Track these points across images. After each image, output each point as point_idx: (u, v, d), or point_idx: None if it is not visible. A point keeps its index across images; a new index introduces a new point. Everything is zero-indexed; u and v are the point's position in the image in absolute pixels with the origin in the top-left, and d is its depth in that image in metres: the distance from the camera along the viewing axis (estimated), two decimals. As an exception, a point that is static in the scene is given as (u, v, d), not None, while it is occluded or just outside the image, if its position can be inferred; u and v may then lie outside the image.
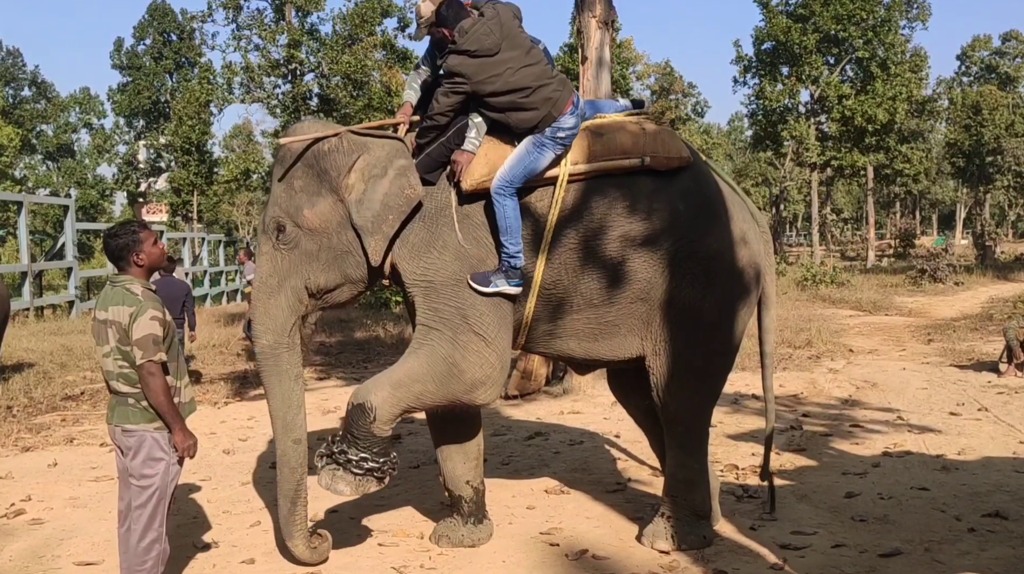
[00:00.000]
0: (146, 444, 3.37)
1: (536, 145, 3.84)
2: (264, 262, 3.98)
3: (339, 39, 19.99)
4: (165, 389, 3.32)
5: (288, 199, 3.93)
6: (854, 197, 56.72)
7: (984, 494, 4.85)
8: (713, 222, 4.04)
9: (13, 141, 37.31)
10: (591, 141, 3.93)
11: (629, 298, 3.99)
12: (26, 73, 46.91)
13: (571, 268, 3.94)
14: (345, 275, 3.97)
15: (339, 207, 3.90)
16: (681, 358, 4.03)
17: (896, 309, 16.24)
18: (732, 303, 4.10)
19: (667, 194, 3.98)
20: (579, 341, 4.12)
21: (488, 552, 4.16)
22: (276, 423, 3.95)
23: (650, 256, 3.95)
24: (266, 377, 3.96)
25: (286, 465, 3.93)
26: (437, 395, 3.85)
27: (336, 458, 3.78)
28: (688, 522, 4.12)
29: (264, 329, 3.93)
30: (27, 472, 5.81)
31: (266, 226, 3.98)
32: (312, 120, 4.22)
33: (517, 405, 7.88)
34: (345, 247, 3.93)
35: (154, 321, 3.34)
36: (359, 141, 3.94)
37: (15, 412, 7.75)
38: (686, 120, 43.89)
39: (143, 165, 43.60)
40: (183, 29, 41.48)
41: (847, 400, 7.79)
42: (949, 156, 43.94)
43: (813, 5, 32.17)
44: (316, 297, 4.00)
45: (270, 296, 3.94)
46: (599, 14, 7.79)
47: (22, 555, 4.29)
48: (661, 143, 3.97)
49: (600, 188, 3.95)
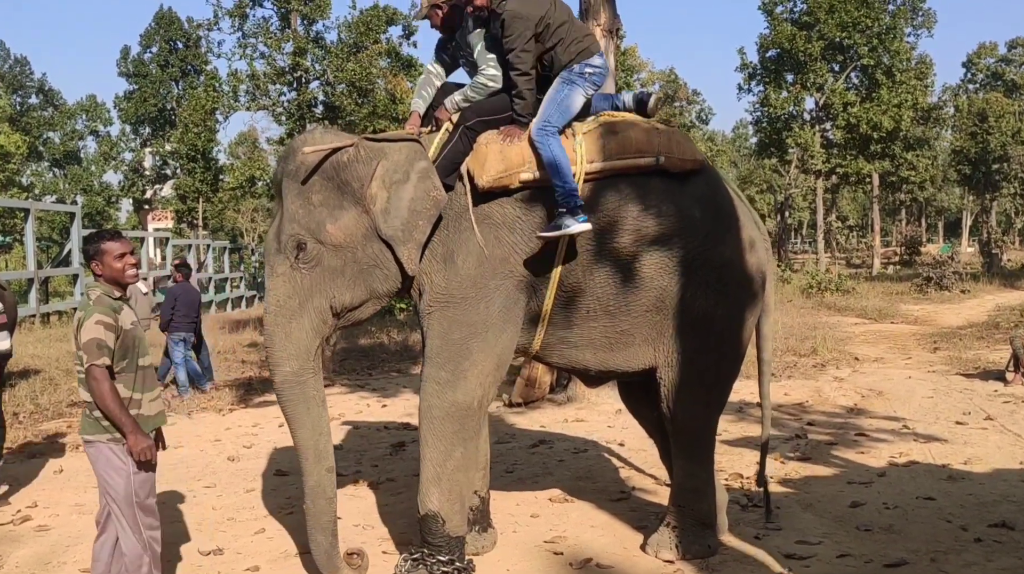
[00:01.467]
0: (102, 456, 3.30)
1: (566, 83, 3.90)
2: (280, 283, 3.76)
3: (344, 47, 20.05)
4: (111, 393, 3.23)
5: (307, 215, 3.74)
6: (860, 204, 56.64)
7: (990, 504, 4.83)
8: (727, 229, 4.02)
9: (20, 148, 37.48)
10: (606, 139, 3.88)
11: (644, 306, 3.95)
12: (33, 81, 47.21)
13: (587, 268, 3.88)
14: (372, 290, 3.84)
15: (364, 219, 3.76)
16: (692, 367, 4.01)
17: (902, 317, 16.19)
18: (742, 311, 4.09)
19: (683, 199, 3.95)
20: (594, 351, 4.06)
21: (492, 560, 4.15)
22: (308, 453, 3.72)
23: (666, 262, 3.92)
24: (292, 406, 3.73)
25: (322, 496, 3.72)
26: (465, 441, 3.81)
27: (427, 564, 3.76)
28: (693, 531, 4.12)
29: (286, 355, 3.71)
30: (31, 480, 5.82)
31: (283, 244, 3.77)
32: (323, 130, 4.09)
33: (521, 413, 7.88)
34: (372, 261, 3.79)
35: (99, 325, 3.26)
36: (376, 147, 3.83)
37: (21, 418, 7.77)
38: (690, 127, 43.93)
39: (149, 172, 43.70)
40: (189, 37, 41.63)
41: (852, 409, 7.77)
42: (955, 163, 43.89)
43: (818, 13, 32.26)
44: (340, 316, 3.85)
45: (291, 319, 3.73)
46: (604, 22, 7.81)
47: (29, 561, 4.31)
48: (676, 143, 3.94)
49: (616, 187, 3.89)
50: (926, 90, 35.89)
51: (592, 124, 3.98)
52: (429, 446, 3.78)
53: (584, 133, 3.91)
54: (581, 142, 3.88)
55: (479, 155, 3.83)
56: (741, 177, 50.35)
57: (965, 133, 42.01)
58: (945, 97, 48.31)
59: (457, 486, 3.80)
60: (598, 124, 3.96)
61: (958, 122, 43.96)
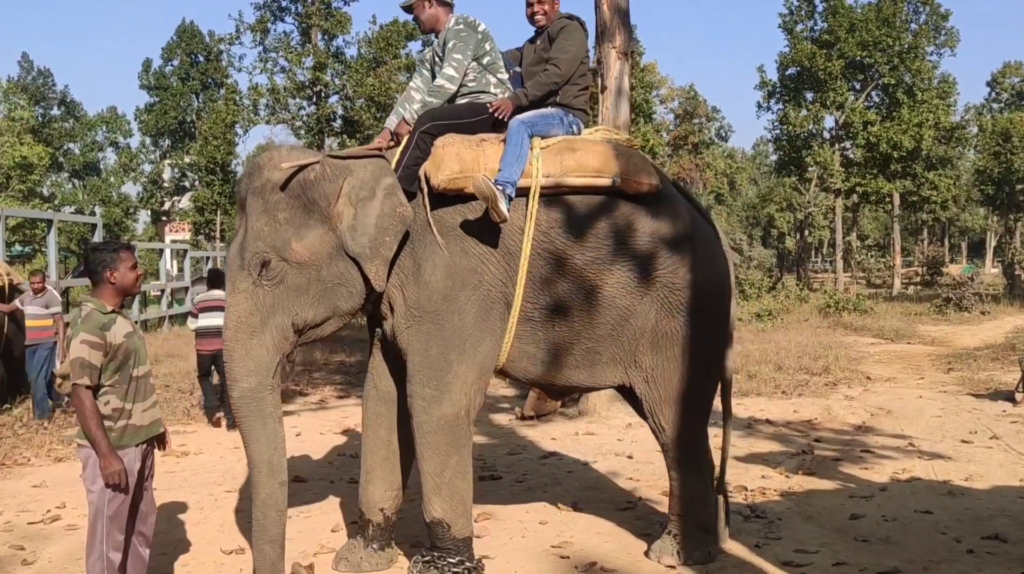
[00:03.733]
0: (91, 461, 3.40)
1: (561, 110, 4.20)
2: (242, 300, 3.75)
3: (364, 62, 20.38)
4: (91, 413, 3.31)
5: (273, 232, 3.74)
6: (881, 223, 56.34)
7: (986, 518, 4.95)
8: (686, 251, 4.12)
9: (43, 160, 38.05)
10: (563, 156, 3.98)
11: (608, 324, 4.04)
12: (56, 92, 47.60)
13: (548, 285, 3.97)
14: (335, 308, 3.86)
15: (329, 237, 3.79)
16: (670, 385, 4.14)
17: (919, 338, 16.15)
18: (712, 328, 4.22)
19: (639, 221, 4.06)
20: (559, 368, 4.14)
21: (501, 563, 4.32)
22: (261, 467, 3.73)
23: (626, 283, 4.02)
24: (248, 421, 3.72)
25: (273, 508, 3.74)
26: (459, 450, 3.92)
27: (438, 566, 3.90)
28: (694, 539, 4.26)
29: (246, 372, 3.71)
30: (60, 481, 6.07)
31: (246, 262, 3.74)
32: (289, 147, 4.10)
33: (533, 425, 8.04)
34: (336, 279, 3.82)
35: (84, 345, 3.32)
36: (341, 165, 3.87)
37: (46, 424, 8.04)
38: (709, 144, 43.96)
39: (167, 184, 44.07)
40: (210, 51, 41.97)
41: (860, 426, 7.86)
42: (978, 183, 43.57)
43: (838, 31, 32.30)
44: (301, 333, 3.86)
45: (252, 336, 3.72)
46: (619, 45, 8.02)
47: (60, 558, 4.54)
48: (632, 166, 4.04)
49: (572, 206, 3.99)
50: (948, 109, 35.75)
51: (553, 141, 4.07)
52: (426, 459, 3.93)
53: (542, 148, 4.01)
54: (539, 156, 3.97)
55: (435, 157, 3.88)
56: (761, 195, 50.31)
57: (988, 153, 41.72)
58: (968, 116, 48.03)
59: (457, 492, 3.94)
60: (558, 141, 4.06)
61: (981, 142, 43.66)
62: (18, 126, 37.95)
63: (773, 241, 51.31)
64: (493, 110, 4.06)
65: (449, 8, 4.35)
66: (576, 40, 4.24)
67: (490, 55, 4.26)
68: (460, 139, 3.95)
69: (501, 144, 3.95)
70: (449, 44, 4.19)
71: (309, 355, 12.61)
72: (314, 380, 10.89)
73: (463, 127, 4.04)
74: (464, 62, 4.15)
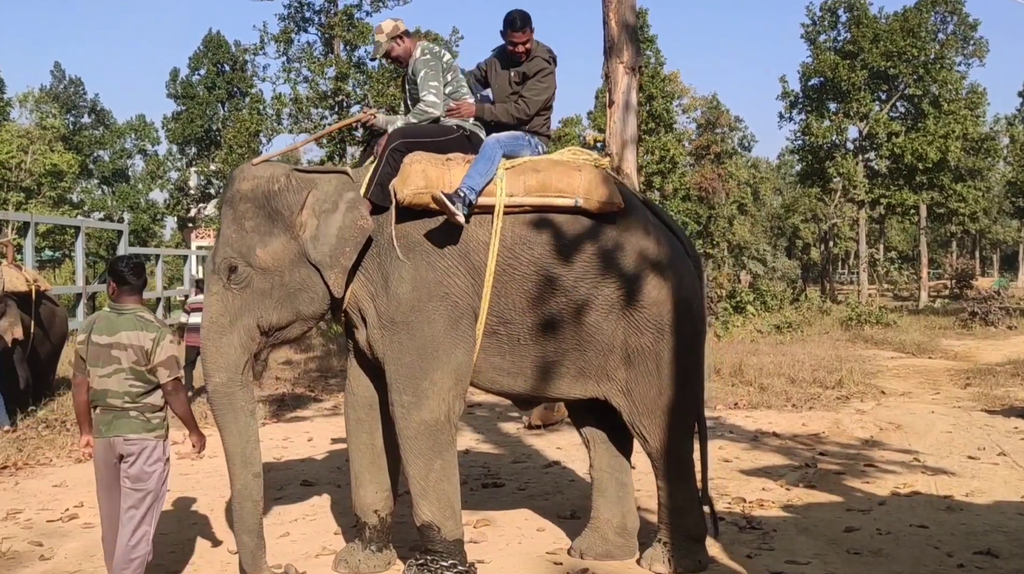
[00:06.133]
0: (146, 451, 3.75)
1: (528, 135, 4.42)
2: (214, 302, 4.04)
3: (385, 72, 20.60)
4: (188, 400, 3.94)
5: (240, 239, 4.01)
6: (909, 235, 55.64)
7: (980, 533, 4.97)
8: (650, 270, 4.21)
9: (73, 167, 38.73)
10: (527, 176, 4.13)
11: (575, 340, 4.16)
12: (86, 101, 48.20)
13: (513, 300, 4.09)
14: (297, 312, 4.09)
15: (292, 245, 4.02)
16: (647, 398, 4.24)
17: (941, 352, 15.90)
18: (683, 342, 4.30)
19: (602, 240, 4.17)
20: (525, 380, 4.26)
21: (494, 568, 4.43)
22: (235, 459, 3.99)
23: (589, 300, 4.14)
24: (221, 414, 4.02)
25: (248, 498, 3.99)
26: (441, 454, 4.05)
27: (431, 568, 4.03)
28: (684, 547, 4.34)
29: (216, 367, 4.01)
30: (80, 481, 6.25)
31: (216, 266, 4.04)
32: (265, 163, 4.31)
33: (540, 435, 8.14)
34: (298, 285, 4.04)
35: (173, 343, 3.80)
36: (307, 178, 4.10)
37: (68, 426, 8.26)
38: (732, 154, 43.74)
39: (193, 191, 44.50)
40: (236, 60, 42.20)
41: (868, 441, 7.86)
42: (1010, 195, 42.93)
43: (862, 42, 32.05)
44: (268, 334, 4.11)
45: (221, 335, 4.00)
46: (627, 60, 8.14)
47: (76, 554, 4.74)
48: (595, 187, 4.14)
49: (535, 224, 4.12)
50: (977, 120, 35.28)
51: (518, 162, 4.22)
52: (410, 464, 4.08)
53: (507, 168, 4.16)
54: (503, 176, 4.12)
55: (404, 173, 4.04)
56: (786, 205, 49.92)
57: (1020, 164, 41.14)
58: (998, 127, 47.38)
59: (444, 495, 4.07)
60: (523, 162, 4.22)
61: (1013, 153, 43.05)
62: (49, 134, 38.70)
63: (798, 252, 50.93)
64: (454, 107, 4.32)
65: (414, 38, 4.57)
66: (549, 84, 4.50)
67: (452, 84, 4.47)
68: (428, 156, 4.12)
69: (467, 164, 4.10)
70: (420, 73, 4.39)
71: (326, 362, 12.81)
72: (329, 386, 11.06)
73: (432, 146, 4.23)
74: (440, 87, 4.39)
